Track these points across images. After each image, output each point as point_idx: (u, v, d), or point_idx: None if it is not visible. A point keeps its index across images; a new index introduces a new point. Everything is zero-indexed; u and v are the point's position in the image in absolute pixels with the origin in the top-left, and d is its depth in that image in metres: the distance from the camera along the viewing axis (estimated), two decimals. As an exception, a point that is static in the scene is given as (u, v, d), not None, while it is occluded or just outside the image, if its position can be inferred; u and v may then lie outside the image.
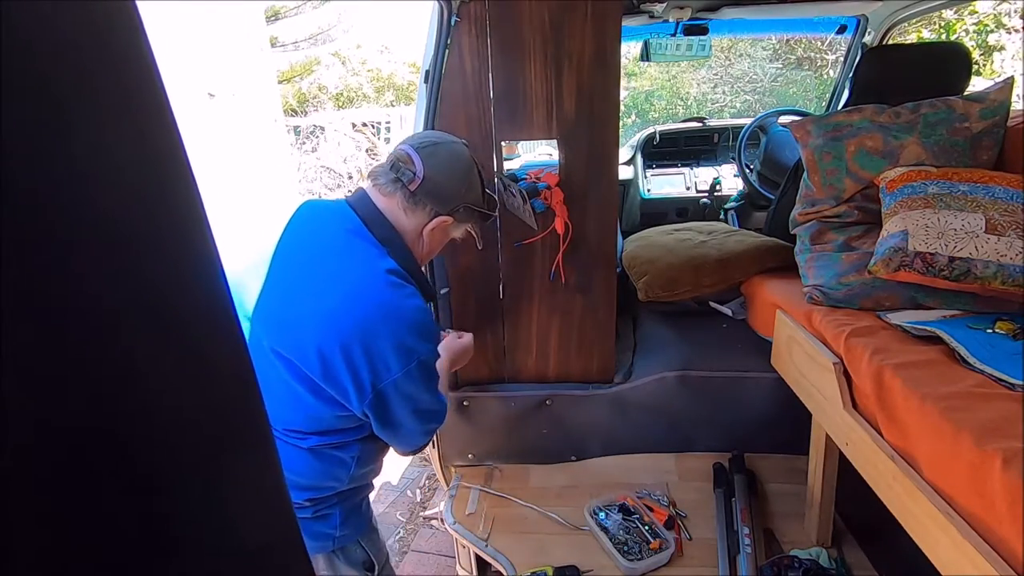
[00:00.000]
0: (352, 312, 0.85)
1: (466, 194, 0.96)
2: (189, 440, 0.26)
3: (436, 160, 0.93)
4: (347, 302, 0.86)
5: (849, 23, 2.24)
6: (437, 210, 0.94)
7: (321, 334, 0.84)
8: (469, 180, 0.96)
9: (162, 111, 0.24)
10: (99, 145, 0.21)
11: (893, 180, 1.09)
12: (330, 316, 0.85)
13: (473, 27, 1.30)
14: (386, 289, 0.88)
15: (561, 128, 1.38)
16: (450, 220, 0.95)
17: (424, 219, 0.94)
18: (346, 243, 0.92)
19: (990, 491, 0.64)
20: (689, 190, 2.70)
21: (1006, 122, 1.15)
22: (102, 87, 0.21)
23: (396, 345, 0.85)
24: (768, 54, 7.62)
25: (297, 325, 0.87)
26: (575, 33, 1.30)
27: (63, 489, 0.20)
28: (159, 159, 0.24)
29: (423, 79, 1.38)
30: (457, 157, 0.96)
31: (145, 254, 0.23)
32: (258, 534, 0.30)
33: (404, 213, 0.94)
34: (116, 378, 0.22)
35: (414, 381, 0.88)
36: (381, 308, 0.86)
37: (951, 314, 1.00)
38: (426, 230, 0.95)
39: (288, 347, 0.88)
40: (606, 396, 1.57)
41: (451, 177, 0.94)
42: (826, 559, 1.17)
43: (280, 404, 0.91)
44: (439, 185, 0.93)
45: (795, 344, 1.15)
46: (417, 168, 0.92)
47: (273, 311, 0.92)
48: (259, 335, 0.92)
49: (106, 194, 0.22)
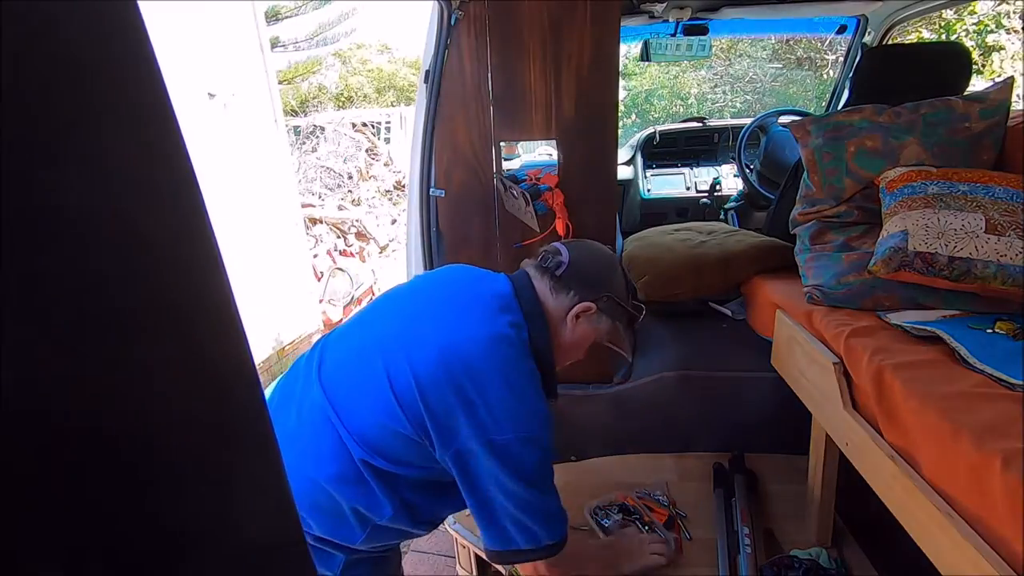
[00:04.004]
0: (460, 349, 0.83)
1: (611, 284, 0.98)
2: (192, 440, 0.26)
3: (582, 249, 1.00)
4: (459, 339, 0.84)
5: (849, 23, 2.25)
6: (582, 295, 0.95)
7: (429, 361, 0.82)
8: (612, 270, 1.00)
9: (163, 111, 0.24)
10: (100, 146, 0.21)
11: (893, 180, 1.09)
12: (442, 348, 0.83)
13: (473, 27, 1.30)
14: (507, 344, 0.86)
15: (560, 128, 1.38)
16: (594, 308, 0.96)
17: (568, 303, 0.95)
18: (483, 296, 0.92)
19: (990, 491, 0.63)
20: (689, 190, 2.70)
21: (1006, 122, 1.14)
22: (103, 87, 0.21)
23: (506, 401, 0.82)
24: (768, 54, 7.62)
25: (415, 346, 0.85)
26: (574, 33, 1.30)
27: (66, 488, 0.20)
28: (160, 159, 0.24)
29: (423, 79, 1.38)
30: (603, 250, 1.03)
31: (147, 254, 0.23)
32: (261, 534, 0.30)
33: (551, 294, 0.96)
34: (119, 378, 0.22)
35: (514, 454, 0.82)
36: (493, 355, 0.84)
37: (951, 314, 1.00)
38: (570, 315, 0.96)
39: (393, 362, 0.85)
40: (606, 396, 1.57)
41: (595, 263, 0.99)
42: (826, 559, 1.17)
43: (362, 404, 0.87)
44: (584, 269, 0.97)
45: (795, 344, 1.15)
46: (564, 255, 0.97)
47: (397, 328, 0.90)
48: (370, 342, 0.90)
49: (107, 194, 0.22)
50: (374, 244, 5.57)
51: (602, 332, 1.01)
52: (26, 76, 0.18)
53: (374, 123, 7.97)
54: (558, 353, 0.99)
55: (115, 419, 0.22)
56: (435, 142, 1.42)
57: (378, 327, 0.93)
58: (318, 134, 7.33)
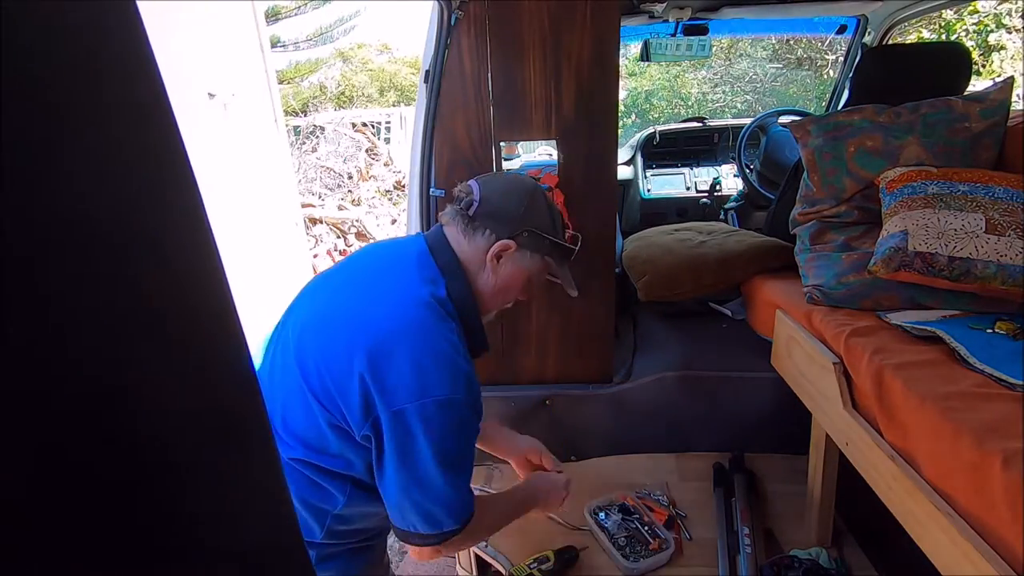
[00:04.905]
0: (369, 325, 0.79)
1: (529, 217, 0.90)
2: (190, 440, 0.26)
3: (493, 183, 0.93)
4: (368, 316, 0.81)
5: (849, 23, 2.24)
6: (497, 233, 0.89)
7: (337, 345, 0.80)
8: (531, 202, 0.91)
9: (162, 111, 0.24)
10: (100, 146, 0.21)
11: (893, 180, 1.09)
12: (351, 326, 0.80)
13: (473, 27, 1.30)
14: (416, 309, 0.81)
15: (560, 128, 1.38)
16: (513, 245, 0.89)
17: (485, 244, 0.89)
18: (398, 265, 0.88)
19: (990, 491, 0.64)
20: (689, 190, 2.70)
21: (1006, 122, 1.14)
22: (102, 88, 0.21)
23: (413, 368, 0.77)
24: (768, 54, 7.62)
25: (324, 334, 0.83)
26: (574, 33, 1.30)
27: (64, 491, 0.20)
28: (160, 159, 0.24)
29: (423, 79, 1.38)
30: (517, 181, 0.95)
31: (147, 255, 0.23)
32: (259, 533, 0.30)
33: (464, 239, 0.90)
34: (119, 379, 0.22)
35: (428, 420, 0.77)
36: (402, 325, 0.79)
37: (951, 314, 1.00)
38: (489, 257, 0.89)
39: (306, 355, 0.83)
40: (606, 396, 1.57)
41: (507, 197, 0.91)
42: (826, 559, 1.17)
43: (291, 410, 0.85)
44: (495, 206, 0.89)
45: (795, 344, 1.15)
46: (475, 193, 0.90)
47: (307, 321, 0.87)
48: (288, 343, 0.88)
49: (107, 195, 0.22)
50: (374, 244, 5.56)
51: (533, 270, 0.93)
52: (26, 77, 0.18)
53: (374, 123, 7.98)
54: (483, 300, 0.92)
55: (114, 419, 0.22)
56: (435, 142, 1.42)
57: (291, 323, 0.90)
58: (318, 134, 7.33)
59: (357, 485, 0.86)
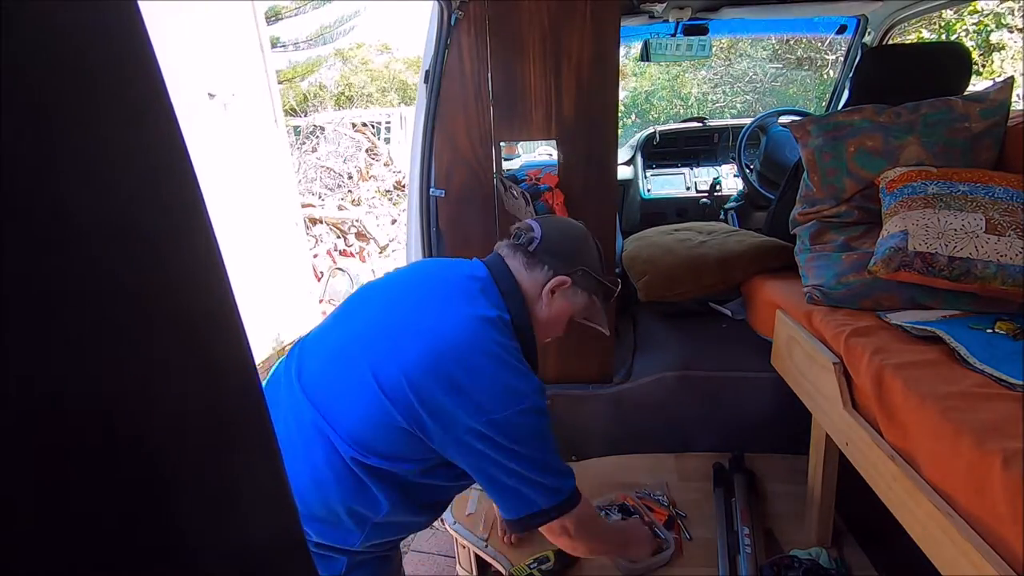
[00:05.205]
0: (447, 338, 0.84)
1: (583, 257, 0.99)
2: (192, 440, 0.26)
3: (552, 223, 1.02)
4: (442, 329, 0.85)
5: (849, 23, 2.25)
6: (556, 269, 0.96)
7: (410, 352, 0.83)
8: (585, 243, 1.00)
9: (163, 111, 0.24)
10: (100, 146, 0.21)
11: (893, 180, 1.09)
12: (426, 337, 0.84)
13: (473, 27, 1.31)
14: (486, 326, 0.87)
15: (560, 128, 1.38)
16: (569, 281, 0.96)
17: (543, 278, 0.96)
18: (460, 284, 0.93)
19: (990, 491, 0.64)
20: (689, 190, 2.70)
21: (1006, 122, 1.14)
22: (103, 87, 0.21)
23: (496, 380, 0.84)
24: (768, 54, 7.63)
25: (399, 340, 0.85)
26: (574, 33, 1.30)
27: (66, 488, 0.20)
28: (160, 160, 0.24)
29: (423, 79, 1.38)
30: (571, 223, 1.04)
31: (147, 254, 0.23)
32: (261, 533, 0.30)
33: (525, 270, 0.97)
34: (119, 378, 0.22)
35: (517, 426, 0.84)
36: (478, 341, 0.85)
37: (951, 314, 1.00)
38: (546, 290, 0.96)
39: (379, 358, 0.85)
40: (606, 396, 1.57)
41: (565, 236, 1.00)
42: (826, 559, 1.17)
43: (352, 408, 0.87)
44: (557, 243, 0.98)
45: (795, 344, 1.15)
46: (536, 231, 0.98)
47: (377, 323, 0.91)
48: (349, 341, 0.90)
49: (108, 195, 0.22)
50: (374, 244, 5.57)
51: (579, 307, 1.01)
52: (26, 76, 0.18)
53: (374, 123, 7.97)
54: (538, 330, 0.99)
55: (115, 419, 0.22)
56: (435, 142, 1.42)
57: (356, 326, 0.92)
58: (318, 134, 7.33)
59: (403, 491, 0.89)
